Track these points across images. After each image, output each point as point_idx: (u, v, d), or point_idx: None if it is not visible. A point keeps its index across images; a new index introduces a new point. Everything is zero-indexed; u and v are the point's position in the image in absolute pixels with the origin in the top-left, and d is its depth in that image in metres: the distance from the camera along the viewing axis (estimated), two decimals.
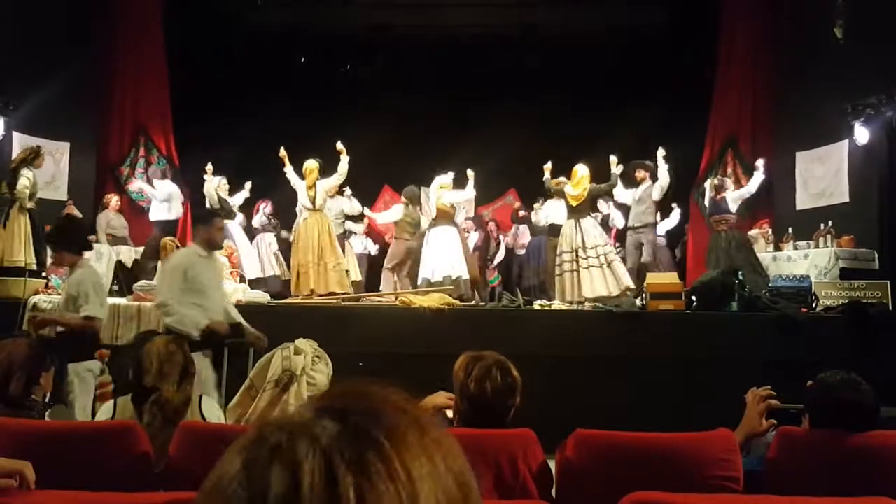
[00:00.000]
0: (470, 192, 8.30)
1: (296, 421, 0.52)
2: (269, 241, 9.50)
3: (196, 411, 2.85)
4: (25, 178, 7.14)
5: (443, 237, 7.96)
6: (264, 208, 9.70)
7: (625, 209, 8.95)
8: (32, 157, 7.31)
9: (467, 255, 8.25)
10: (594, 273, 7.33)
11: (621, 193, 8.57)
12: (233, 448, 0.52)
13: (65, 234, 4.87)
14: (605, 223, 9.27)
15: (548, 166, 8.00)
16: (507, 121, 10.78)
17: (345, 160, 7.83)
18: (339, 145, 7.87)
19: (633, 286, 7.30)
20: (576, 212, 7.67)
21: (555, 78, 11.29)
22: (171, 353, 2.75)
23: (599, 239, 7.59)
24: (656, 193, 8.28)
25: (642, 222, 8.48)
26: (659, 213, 8.97)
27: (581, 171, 7.68)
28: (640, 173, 8.50)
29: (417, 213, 8.82)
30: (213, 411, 2.93)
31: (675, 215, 9.63)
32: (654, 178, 8.27)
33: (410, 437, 0.51)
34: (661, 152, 8.12)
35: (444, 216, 8.12)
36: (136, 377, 2.72)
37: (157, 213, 9.04)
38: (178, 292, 4.39)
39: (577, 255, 7.43)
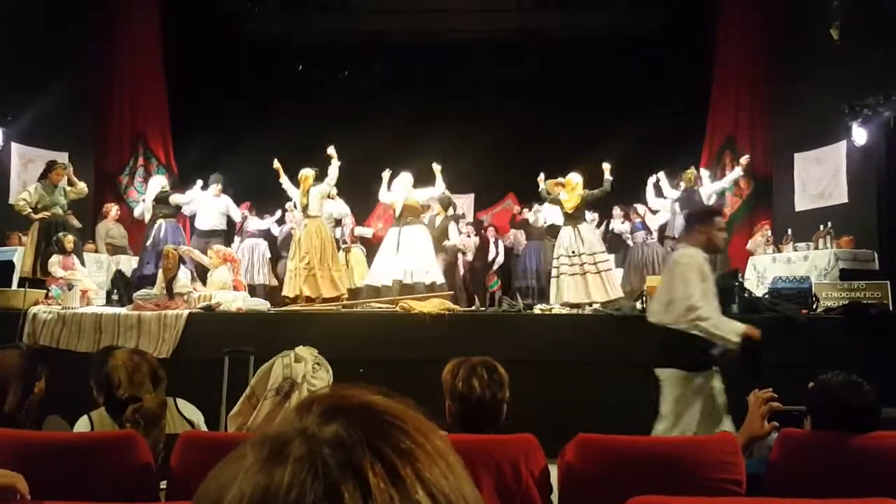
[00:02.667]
0: (440, 186, 8.17)
1: (299, 428, 0.52)
2: (262, 248, 9.49)
3: (175, 414, 2.87)
4: (26, 192, 7.33)
5: (415, 237, 7.85)
6: (250, 213, 9.62)
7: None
8: (45, 172, 7.48)
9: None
10: (594, 278, 7.47)
11: (654, 201, 8.83)
12: (249, 461, 0.50)
13: None
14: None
15: (541, 178, 8.10)
16: (507, 125, 10.81)
17: (335, 165, 7.79)
18: (331, 150, 7.82)
19: (623, 295, 7.42)
20: (572, 218, 7.76)
21: (553, 82, 11.33)
22: (136, 364, 2.75)
23: (597, 246, 7.70)
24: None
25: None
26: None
27: (574, 179, 7.79)
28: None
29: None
30: (192, 413, 2.95)
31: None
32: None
33: (416, 446, 0.51)
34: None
35: (415, 213, 8.02)
36: (107, 391, 2.73)
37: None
38: (702, 294, 3.80)
39: (581, 260, 7.52)
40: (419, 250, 7.78)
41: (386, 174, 8.12)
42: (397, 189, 8.01)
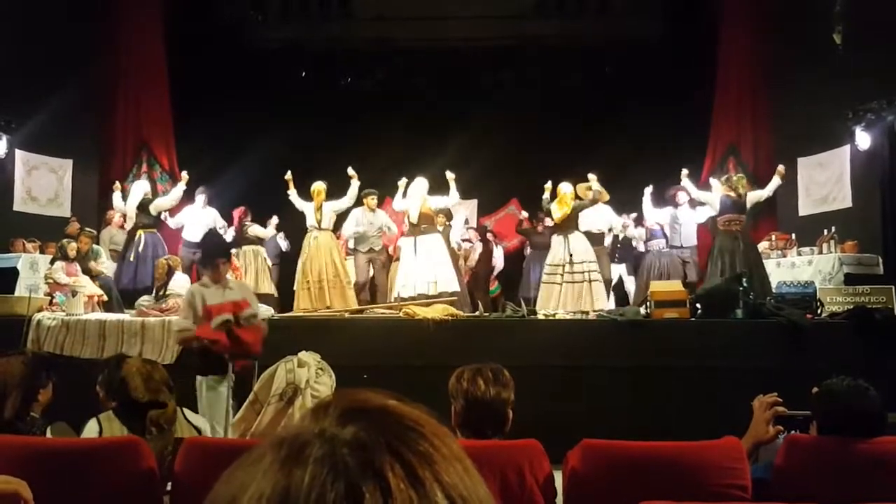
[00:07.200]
0: (454, 196, 8.08)
1: (317, 430, 0.52)
2: (263, 254, 9.48)
3: (184, 421, 2.90)
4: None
5: (433, 246, 7.76)
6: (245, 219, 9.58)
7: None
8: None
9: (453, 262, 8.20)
10: (575, 288, 7.53)
11: (654, 213, 8.76)
12: (267, 462, 0.50)
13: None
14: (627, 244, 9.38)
15: (548, 186, 8.07)
16: (509, 132, 10.82)
17: (355, 185, 7.88)
18: (351, 170, 7.92)
19: (605, 308, 7.30)
20: (562, 228, 7.82)
21: (555, 89, 11.34)
22: (149, 371, 2.79)
23: (585, 255, 7.71)
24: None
25: (689, 243, 8.73)
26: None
27: (564, 189, 7.83)
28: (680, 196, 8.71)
29: None
30: (198, 421, 3.00)
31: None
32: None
33: (433, 449, 0.52)
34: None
35: (430, 221, 7.90)
36: (122, 395, 2.75)
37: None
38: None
39: (563, 270, 7.61)
40: (439, 260, 7.73)
41: (402, 182, 8.01)
42: (413, 195, 7.87)
